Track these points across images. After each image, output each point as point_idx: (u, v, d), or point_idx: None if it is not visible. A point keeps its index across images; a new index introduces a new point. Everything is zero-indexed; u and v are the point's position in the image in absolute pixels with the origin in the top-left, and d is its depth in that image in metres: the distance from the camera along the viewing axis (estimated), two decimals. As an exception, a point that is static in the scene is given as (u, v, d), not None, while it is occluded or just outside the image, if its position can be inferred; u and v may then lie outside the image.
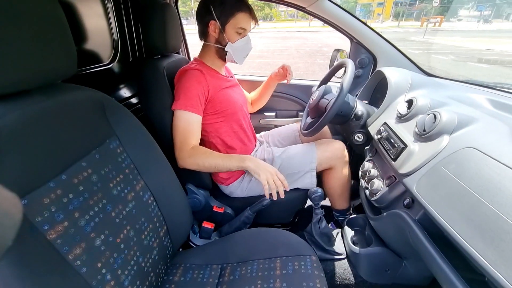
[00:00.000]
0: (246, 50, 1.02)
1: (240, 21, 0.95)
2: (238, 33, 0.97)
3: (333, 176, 1.11)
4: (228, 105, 1.04)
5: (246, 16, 0.95)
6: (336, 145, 1.10)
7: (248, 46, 1.02)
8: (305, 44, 14.07)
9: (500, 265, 0.42)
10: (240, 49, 1.00)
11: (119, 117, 0.65)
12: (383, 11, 58.98)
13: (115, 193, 0.59)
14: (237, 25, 0.95)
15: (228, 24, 0.95)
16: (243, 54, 1.03)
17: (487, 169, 0.51)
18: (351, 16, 1.19)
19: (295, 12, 67.70)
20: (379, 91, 1.15)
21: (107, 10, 1.01)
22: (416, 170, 0.65)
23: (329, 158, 1.08)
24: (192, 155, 0.93)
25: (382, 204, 0.80)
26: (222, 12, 0.93)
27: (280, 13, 70.24)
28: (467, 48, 13.17)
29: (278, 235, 0.84)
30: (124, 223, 0.59)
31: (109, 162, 0.60)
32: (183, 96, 0.92)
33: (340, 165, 1.09)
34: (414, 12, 57.11)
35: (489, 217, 0.46)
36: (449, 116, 0.66)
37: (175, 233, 0.78)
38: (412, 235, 0.65)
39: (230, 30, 0.96)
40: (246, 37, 0.99)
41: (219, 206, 1.05)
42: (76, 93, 0.55)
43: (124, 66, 1.12)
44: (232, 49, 0.98)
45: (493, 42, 15.64)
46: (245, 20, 0.95)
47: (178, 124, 0.93)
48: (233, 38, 0.97)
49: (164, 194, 0.74)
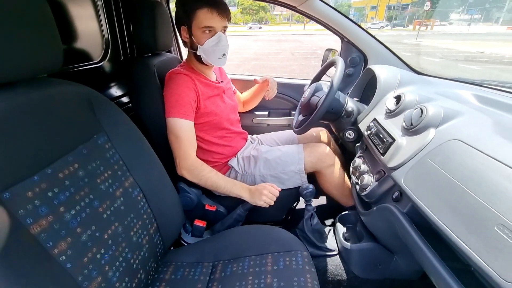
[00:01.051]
0: (219, 50, 0.93)
1: (201, 19, 0.88)
2: (204, 32, 0.90)
3: (325, 180, 1.11)
4: (214, 115, 1.02)
5: (206, 12, 0.87)
6: (320, 149, 1.10)
7: (220, 46, 0.93)
8: (300, 47, 14.20)
9: (483, 252, 0.43)
10: (211, 50, 0.92)
11: (108, 113, 0.65)
12: (376, 14, 59.84)
13: (103, 189, 0.59)
14: (201, 25, 0.89)
15: (193, 25, 0.90)
16: (217, 55, 0.94)
17: (471, 160, 0.52)
18: (342, 15, 1.20)
19: (289, 16, 68.38)
20: (369, 89, 1.16)
21: (97, 9, 1.00)
22: (404, 163, 0.66)
23: (312, 162, 1.08)
24: (197, 168, 0.94)
25: (372, 198, 0.80)
26: (183, 14, 0.89)
27: (275, 17, 70.79)
28: (458, 51, 13.44)
29: (269, 231, 0.84)
30: (112, 219, 0.59)
31: (96, 158, 0.59)
32: (176, 103, 0.91)
33: (327, 168, 1.09)
34: (407, 16, 58.07)
35: (473, 206, 0.47)
36: (435, 110, 0.67)
37: (166, 231, 0.77)
38: (401, 228, 0.66)
39: (196, 32, 0.90)
40: (216, 35, 0.91)
41: (211, 204, 1.05)
42: (62, 88, 0.55)
43: (115, 64, 1.11)
44: (204, 51, 0.92)
45: (484, 44, 15.99)
46: (207, 17, 0.88)
47: (176, 132, 0.92)
48: (201, 40, 0.91)
49: (154, 191, 0.73)
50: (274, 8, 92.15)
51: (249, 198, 0.96)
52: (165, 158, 1.00)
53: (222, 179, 0.97)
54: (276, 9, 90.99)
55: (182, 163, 0.94)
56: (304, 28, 43.00)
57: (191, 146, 0.95)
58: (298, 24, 54.00)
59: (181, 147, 0.93)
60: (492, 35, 25.53)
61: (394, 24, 48.26)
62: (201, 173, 0.95)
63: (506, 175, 0.46)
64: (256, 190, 0.96)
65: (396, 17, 58.55)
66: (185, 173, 0.95)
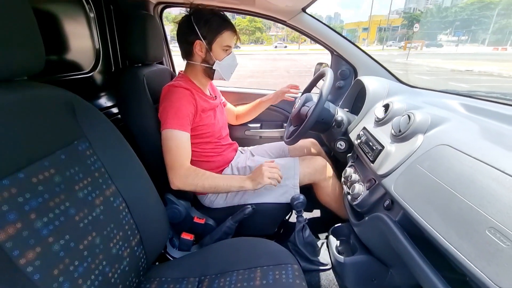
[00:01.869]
0: (233, 66, 1.04)
1: (226, 39, 0.96)
2: (224, 50, 0.98)
3: (323, 192, 1.10)
4: (207, 128, 1.03)
5: (231, 34, 0.97)
6: (317, 161, 1.10)
7: (234, 62, 1.04)
8: (295, 65, 14.56)
9: (475, 257, 0.41)
10: (228, 66, 1.01)
11: (91, 119, 0.63)
12: (368, 35, 62.31)
13: (81, 196, 0.56)
14: (224, 43, 0.96)
15: (215, 43, 0.96)
16: (231, 70, 1.04)
17: (460, 164, 0.52)
18: (331, 29, 1.24)
19: (285, 36, 70.76)
20: (360, 100, 1.17)
21: (89, 20, 1.02)
22: (394, 170, 0.65)
23: (310, 174, 1.07)
24: (189, 176, 0.91)
25: (364, 208, 0.78)
26: (208, 32, 0.94)
27: (271, 37, 73.26)
28: (448, 69, 13.90)
29: (259, 244, 0.80)
30: (90, 228, 0.56)
31: (75, 164, 0.57)
32: (175, 116, 0.90)
33: (324, 180, 1.09)
34: (397, 37, 60.57)
35: (462, 209, 0.45)
36: (423, 116, 0.67)
37: (150, 244, 0.73)
38: (393, 238, 0.64)
39: (217, 49, 0.97)
40: (231, 53, 1.01)
41: (200, 217, 1.02)
42: (42, 91, 0.54)
43: (105, 75, 1.11)
44: (220, 67, 0.99)
45: (472, 63, 16.57)
46: (230, 37, 0.97)
47: (170, 144, 0.90)
48: (220, 56, 0.98)
49: (138, 202, 0.70)
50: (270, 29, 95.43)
51: (253, 185, 0.92)
52: (153, 169, 0.97)
53: (219, 178, 0.94)
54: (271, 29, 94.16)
55: (176, 172, 0.91)
56: (298, 48, 44.49)
57: (187, 157, 0.93)
58: (293, 44, 55.82)
59: (177, 157, 0.91)
60: (479, 55, 26.58)
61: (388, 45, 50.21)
62: (196, 178, 0.91)
63: (495, 177, 0.45)
64: (255, 173, 0.93)
65: (387, 38, 61.00)
66: (179, 183, 0.91)
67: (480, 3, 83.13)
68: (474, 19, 77.14)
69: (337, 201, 1.10)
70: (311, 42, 10.83)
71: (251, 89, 1.63)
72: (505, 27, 76.37)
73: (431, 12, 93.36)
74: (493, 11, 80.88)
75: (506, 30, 73.81)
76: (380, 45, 50.93)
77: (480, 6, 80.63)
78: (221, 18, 0.96)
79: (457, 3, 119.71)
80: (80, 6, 0.99)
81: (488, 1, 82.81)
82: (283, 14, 1.20)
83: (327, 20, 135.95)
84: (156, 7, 1.26)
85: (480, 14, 78.33)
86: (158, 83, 1.01)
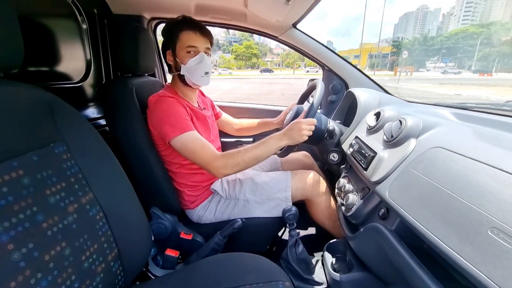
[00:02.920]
0: (202, 68, 0.96)
1: (185, 40, 0.93)
2: (188, 52, 0.94)
3: (317, 209, 1.05)
4: None
5: (190, 33, 0.93)
6: (310, 175, 1.06)
7: (204, 64, 0.96)
8: (290, 89, 14.95)
9: (479, 261, 0.37)
10: (194, 68, 0.95)
11: (71, 122, 0.61)
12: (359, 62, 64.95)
13: (52, 202, 0.52)
14: (184, 45, 0.93)
15: (177, 47, 0.94)
16: (200, 73, 0.97)
17: (455, 164, 0.49)
18: (321, 45, 1.27)
19: (280, 62, 73.42)
20: (352, 113, 1.17)
21: (82, 31, 1.02)
22: (387, 176, 0.62)
23: (302, 188, 1.03)
24: (228, 162, 0.88)
25: (358, 219, 0.74)
26: (169, 38, 0.95)
27: (266, 63, 75.93)
28: (438, 93, 14.38)
29: (248, 260, 0.75)
30: (58, 238, 0.51)
31: (49, 167, 0.53)
32: (176, 122, 0.88)
33: (317, 196, 1.04)
34: (388, 63, 63.28)
35: (461, 211, 0.42)
36: (414, 120, 0.66)
37: (129, 260, 0.67)
38: (390, 249, 0.59)
39: (180, 52, 0.94)
40: (199, 55, 0.95)
41: (187, 232, 0.96)
42: (17, 89, 0.51)
43: (95, 86, 1.10)
44: (187, 70, 0.95)
45: (460, 88, 17.21)
46: (190, 37, 0.93)
47: (190, 147, 0.88)
48: (184, 59, 0.94)
49: (118, 212, 0.66)
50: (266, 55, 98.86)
51: (291, 141, 0.90)
52: (140, 182, 0.93)
53: (254, 147, 0.90)
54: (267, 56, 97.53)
55: (215, 165, 0.87)
56: (293, 73, 46.04)
57: (211, 148, 0.90)
58: (288, 69, 57.77)
59: (204, 154, 0.88)
60: (467, 80, 27.69)
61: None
62: (234, 159, 0.88)
63: (492, 175, 0.42)
64: (292, 130, 0.90)
65: (377, 64, 63.63)
66: (224, 171, 0.88)
67: (463, 33, 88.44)
68: (459, 47, 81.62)
69: (331, 218, 1.05)
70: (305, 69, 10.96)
71: (249, 104, 1.63)
72: (489, 55, 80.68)
73: (418, 40, 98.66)
74: (476, 41, 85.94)
75: (489, 58, 77.87)
76: (371, 71, 52.95)
77: (464, 36, 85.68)
78: (179, 22, 0.94)
79: (442, 33, 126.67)
80: (73, 17, 1.00)
81: (471, 31, 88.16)
82: (275, 30, 1.23)
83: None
84: (150, 22, 1.29)
85: (465, 43, 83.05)
86: (148, 94, 1.00)
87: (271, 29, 1.24)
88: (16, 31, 0.48)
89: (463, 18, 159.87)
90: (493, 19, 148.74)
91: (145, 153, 0.92)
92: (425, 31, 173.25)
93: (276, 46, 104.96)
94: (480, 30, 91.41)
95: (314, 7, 0.97)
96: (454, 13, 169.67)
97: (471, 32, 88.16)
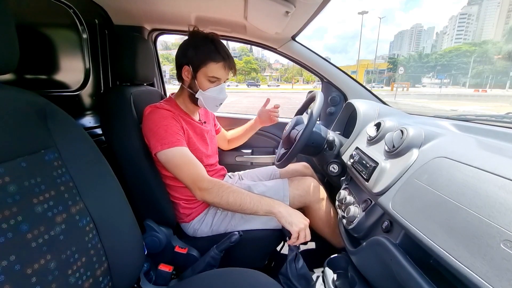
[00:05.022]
0: (218, 99, 0.97)
1: (211, 70, 0.91)
2: (210, 81, 0.93)
3: (315, 216, 1.02)
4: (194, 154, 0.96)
5: (219, 66, 0.91)
6: (308, 181, 1.04)
7: (221, 96, 0.97)
8: (288, 103, 15.09)
9: (492, 277, 0.34)
10: (212, 98, 0.95)
11: (64, 128, 0.59)
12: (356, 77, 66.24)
13: (39, 211, 0.49)
14: (209, 74, 0.91)
15: (200, 71, 0.91)
16: (215, 103, 0.98)
17: (460, 174, 0.47)
18: (320, 57, 1.28)
19: (278, 76, 74.73)
20: (351, 124, 1.16)
21: (82, 41, 1.03)
22: (390, 186, 0.60)
23: (300, 195, 1.01)
24: (215, 186, 0.84)
25: (361, 232, 0.71)
26: (195, 58, 0.91)
27: (265, 77, 77.25)
28: (434, 109, 14.56)
29: (245, 275, 0.71)
30: (44, 249, 0.47)
31: (38, 174, 0.51)
32: (165, 134, 0.85)
33: (317, 203, 1.02)
34: (384, 79, 64.57)
35: (470, 222, 0.40)
36: (416, 130, 0.64)
37: (119, 275, 0.63)
38: (395, 264, 0.56)
39: (201, 78, 0.92)
40: (219, 86, 0.94)
41: (182, 246, 0.92)
42: (9, 93, 0.50)
43: (92, 95, 1.09)
44: (203, 97, 0.94)
45: (456, 103, 17.48)
46: (217, 69, 0.91)
47: (176, 161, 0.85)
48: (204, 85, 0.93)
49: (110, 224, 0.62)
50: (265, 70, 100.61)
51: (285, 214, 0.81)
52: (134, 193, 0.90)
53: (247, 195, 0.84)
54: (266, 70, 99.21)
55: (199, 185, 0.84)
56: (292, 87, 46.78)
57: (199, 167, 0.87)
58: (286, 84, 58.70)
59: (190, 171, 0.85)
60: (462, 96, 28.20)
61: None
62: (220, 190, 0.83)
63: (501, 185, 0.41)
64: (298, 214, 0.83)
65: (374, 80, 64.88)
66: (206, 195, 0.83)
67: (456, 51, 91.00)
68: (453, 64, 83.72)
69: (331, 226, 1.02)
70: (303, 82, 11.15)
71: (243, 114, 1.63)
72: (482, 72, 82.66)
73: (414, 57, 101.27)
74: (470, 58, 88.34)
75: (483, 75, 79.75)
76: (368, 85, 53.98)
77: (457, 54, 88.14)
78: (211, 47, 0.90)
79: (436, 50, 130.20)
80: (74, 27, 1.01)
81: (464, 49, 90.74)
82: (274, 42, 1.25)
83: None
84: (150, 34, 1.30)
85: (459, 61, 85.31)
86: (146, 104, 0.99)
87: (271, 41, 1.25)
88: (12, 33, 0.47)
89: (456, 36, 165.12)
90: (485, 38, 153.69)
91: (140, 163, 0.89)
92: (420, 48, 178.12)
93: (275, 61, 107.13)
94: (473, 48, 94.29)
95: (313, 20, 0.98)
96: (447, 32, 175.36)
97: (464, 50, 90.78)
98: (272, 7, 0.85)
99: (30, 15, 0.88)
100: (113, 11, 1.12)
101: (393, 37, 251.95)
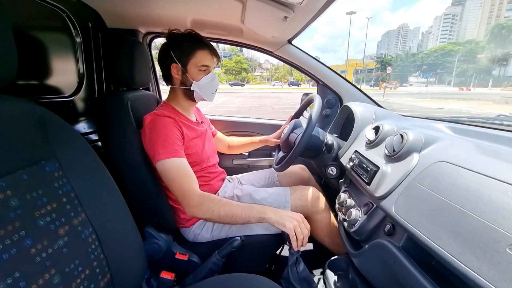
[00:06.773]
0: (213, 86, 1.00)
1: (200, 58, 0.95)
2: (201, 70, 0.96)
3: (316, 227, 1.02)
4: (195, 156, 0.99)
5: (205, 53, 0.95)
6: (310, 192, 1.04)
7: (214, 82, 1.00)
8: (279, 102, 15.18)
9: (500, 281, 0.36)
10: (207, 85, 0.98)
11: (64, 137, 0.57)
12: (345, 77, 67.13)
13: (42, 225, 0.47)
14: (198, 63, 0.95)
15: (189, 64, 0.94)
16: (211, 90, 1.01)
17: (462, 179, 0.49)
18: (316, 60, 1.29)
19: (269, 76, 74.85)
20: (348, 127, 1.18)
21: (75, 45, 1.00)
22: (392, 190, 0.62)
23: (302, 206, 1.01)
24: (206, 201, 0.84)
25: (362, 235, 0.72)
26: (181, 53, 0.94)
27: (256, 77, 77.27)
28: (421, 107, 14.94)
29: (248, 281, 0.71)
30: (48, 264, 0.46)
31: (40, 186, 0.49)
32: (165, 144, 0.86)
33: (317, 213, 1.02)
34: (372, 78, 65.72)
35: (475, 227, 0.41)
36: (416, 135, 0.66)
37: (122, 285, 0.62)
38: (398, 266, 0.57)
39: (193, 69, 0.95)
40: (210, 73, 0.98)
41: (183, 252, 0.91)
42: (8, 103, 0.48)
43: (87, 101, 1.07)
44: (198, 87, 0.97)
45: (442, 102, 17.96)
46: (205, 57, 0.95)
47: (171, 174, 0.85)
48: (197, 76, 0.96)
49: (112, 234, 0.61)
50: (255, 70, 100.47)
51: (275, 218, 0.82)
52: (134, 201, 0.89)
53: (237, 206, 0.85)
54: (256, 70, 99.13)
55: (188, 201, 0.84)
56: (282, 87, 47.02)
57: (193, 182, 0.87)
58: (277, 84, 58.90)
59: (182, 185, 0.85)
60: (448, 94, 29.02)
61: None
62: (211, 205, 0.83)
63: (504, 191, 0.42)
64: (287, 212, 0.84)
65: (363, 79, 65.92)
66: (195, 211, 0.84)
67: (441, 50, 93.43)
68: (439, 63, 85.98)
69: (331, 235, 1.03)
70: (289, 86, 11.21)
71: (239, 117, 1.63)
72: (466, 71, 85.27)
73: (401, 57, 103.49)
74: (454, 57, 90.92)
75: (467, 73, 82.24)
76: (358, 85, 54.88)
77: (442, 53, 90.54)
78: (194, 39, 0.95)
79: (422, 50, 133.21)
80: (67, 30, 0.98)
81: (448, 49, 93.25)
82: (270, 45, 1.25)
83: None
84: (145, 37, 1.28)
85: (444, 60, 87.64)
86: (143, 108, 0.97)
87: (267, 45, 1.25)
88: (11, 44, 0.46)
89: (441, 36, 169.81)
90: (468, 37, 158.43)
91: (139, 169, 0.88)
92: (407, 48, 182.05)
93: (265, 61, 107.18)
94: (457, 47, 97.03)
95: (310, 24, 0.99)
96: (433, 32, 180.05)
97: (448, 49, 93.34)
98: (271, 12, 0.85)
99: (22, 18, 0.85)
100: (107, 14, 1.09)
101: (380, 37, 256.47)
